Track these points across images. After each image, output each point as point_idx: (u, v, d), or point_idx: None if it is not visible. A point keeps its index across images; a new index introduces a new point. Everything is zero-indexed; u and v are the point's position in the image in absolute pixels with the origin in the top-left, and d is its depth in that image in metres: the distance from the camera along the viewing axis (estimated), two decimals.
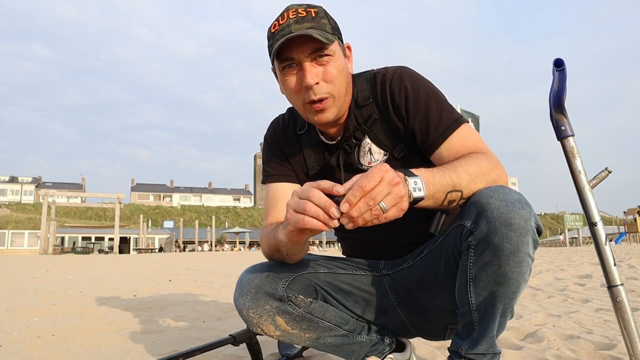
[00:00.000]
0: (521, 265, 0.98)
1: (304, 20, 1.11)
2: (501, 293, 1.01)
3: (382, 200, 0.85)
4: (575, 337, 1.86)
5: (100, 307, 3.10)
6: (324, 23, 1.13)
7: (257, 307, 1.15)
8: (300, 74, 1.14)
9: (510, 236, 0.95)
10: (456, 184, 1.00)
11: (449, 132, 1.14)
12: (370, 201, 0.84)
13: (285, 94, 1.22)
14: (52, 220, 29.94)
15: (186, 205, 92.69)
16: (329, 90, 1.14)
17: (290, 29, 1.09)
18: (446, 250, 1.12)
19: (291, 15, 1.11)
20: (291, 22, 1.10)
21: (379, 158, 1.23)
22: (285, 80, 1.16)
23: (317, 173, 1.30)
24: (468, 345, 1.08)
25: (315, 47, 1.11)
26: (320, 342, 1.23)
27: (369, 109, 1.23)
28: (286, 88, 1.18)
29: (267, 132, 1.39)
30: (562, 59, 1.11)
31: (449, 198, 1.00)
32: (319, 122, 1.19)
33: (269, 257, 1.22)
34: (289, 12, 1.12)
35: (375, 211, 0.85)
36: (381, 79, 1.22)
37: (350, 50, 1.23)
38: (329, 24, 1.14)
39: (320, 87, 1.13)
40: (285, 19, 1.11)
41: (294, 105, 1.23)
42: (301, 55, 1.11)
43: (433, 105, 1.16)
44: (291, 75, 1.15)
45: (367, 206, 0.84)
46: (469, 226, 1.01)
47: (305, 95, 1.14)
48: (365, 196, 0.85)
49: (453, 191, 1.00)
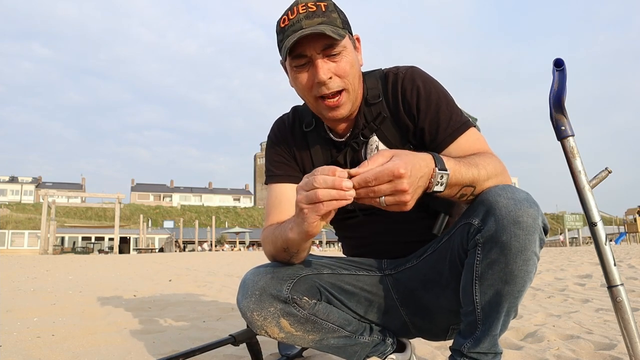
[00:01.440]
0: (528, 264, 0.98)
1: (314, 15, 1.09)
2: (507, 291, 1.01)
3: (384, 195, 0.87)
4: (575, 337, 1.86)
5: (100, 307, 3.10)
6: (334, 17, 1.12)
7: (261, 310, 1.14)
8: (312, 70, 1.13)
9: (519, 234, 0.95)
10: (475, 180, 1.01)
11: (457, 133, 1.14)
12: (371, 193, 0.87)
13: (296, 89, 1.21)
14: (52, 220, 29.94)
15: (186, 205, 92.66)
16: (342, 85, 1.14)
17: (300, 24, 1.09)
18: (452, 249, 1.12)
19: (301, 10, 1.10)
20: (301, 17, 1.09)
21: None
22: (296, 77, 1.16)
23: None
24: (471, 344, 1.08)
25: (327, 44, 1.10)
26: (324, 344, 1.23)
27: (379, 107, 1.23)
28: (298, 85, 1.17)
29: (272, 131, 1.38)
30: (562, 59, 1.11)
31: (462, 192, 1.01)
32: (332, 118, 1.19)
33: (273, 258, 1.21)
34: (298, 6, 1.11)
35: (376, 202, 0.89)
36: (393, 77, 1.22)
37: (359, 42, 1.23)
38: (339, 17, 1.13)
39: (334, 81, 1.13)
40: (295, 14, 1.10)
41: (305, 100, 1.22)
42: (313, 52, 1.11)
43: (443, 106, 1.16)
44: (303, 71, 1.14)
45: (368, 197, 0.88)
46: (476, 224, 1.01)
47: (317, 90, 1.14)
48: (367, 188, 0.87)
49: (469, 186, 1.01)
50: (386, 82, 1.23)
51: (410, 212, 0.92)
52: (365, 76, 1.26)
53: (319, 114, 1.22)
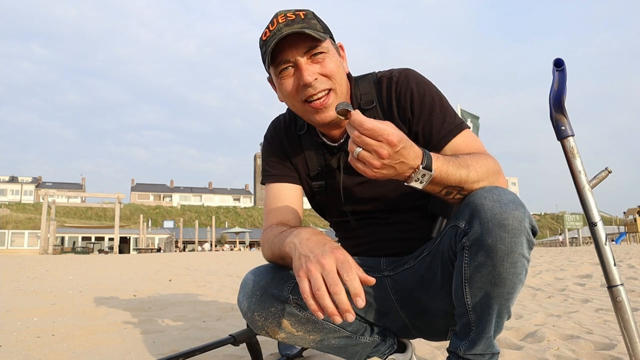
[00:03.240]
0: (516, 266, 0.98)
1: (294, 22, 1.11)
2: (496, 294, 1.01)
3: (362, 148, 0.89)
4: (575, 337, 1.86)
5: (100, 307, 3.10)
6: (314, 23, 1.13)
7: (262, 310, 1.14)
8: (297, 73, 1.13)
9: (504, 237, 0.95)
10: (463, 182, 1.01)
11: (451, 135, 1.14)
12: (356, 138, 0.89)
13: (284, 99, 1.21)
14: (52, 220, 29.93)
15: (186, 205, 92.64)
16: (329, 85, 1.14)
17: (281, 32, 1.09)
18: (442, 251, 1.12)
19: (280, 20, 1.11)
20: (281, 26, 1.10)
21: None
22: (282, 84, 1.15)
23: (318, 174, 1.30)
24: (466, 346, 1.09)
25: (310, 46, 1.11)
26: (324, 344, 1.23)
27: (373, 112, 1.23)
28: (284, 92, 1.17)
29: (268, 131, 1.38)
30: (562, 59, 1.11)
31: (447, 190, 1.02)
32: (321, 121, 1.17)
33: (270, 262, 1.21)
34: (278, 17, 1.12)
35: (351, 149, 0.91)
36: (387, 82, 1.22)
37: (343, 49, 1.23)
38: (318, 24, 1.14)
39: (320, 82, 1.13)
40: (275, 25, 1.11)
41: (293, 109, 1.22)
42: (296, 56, 1.11)
43: (437, 109, 1.17)
44: (288, 77, 1.14)
45: (352, 138, 0.90)
46: (463, 227, 1.01)
47: (303, 93, 1.13)
48: (357, 131, 0.89)
49: (455, 187, 1.01)
50: (380, 87, 1.23)
51: (407, 214, 0.92)
52: (359, 81, 1.26)
53: (308, 120, 1.21)
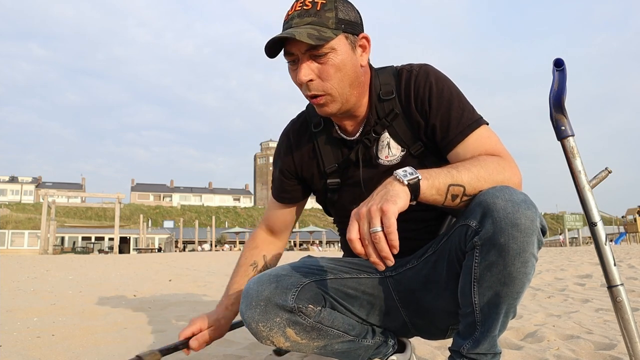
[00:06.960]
0: (526, 266, 0.98)
1: (306, 14, 1.09)
2: (505, 293, 1.01)
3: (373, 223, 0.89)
4: (575, 337, 1.86)
5: (100, 307, 3.10)
6: (328, 17, 1.09)
7: (267, 320, 1.13)
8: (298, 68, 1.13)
9: (517, 236, 0.95)
10: (456, 178, 1.01)
11: (468, 130, 1.14)
12: (365, 226, 0.90)
13: None
14: (52, 220, 29.93)
15: (186, 205, 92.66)
16: (324, 89, 1.13)
17: (290, 24, 1.09)
18: (449, 251, 1.12)
19: (297, 7, 1.10)
20: (295, 14, 1.10)
21: (396, 153, 1.23)
22: (290, 74, 1.17)
23: (335, 170, 1.30)
24: (470, 345, 1.08)
25: (311, 45, 1.09)
26: (328, 350, 1.23)
27: (391, 103, 1.22)
28: (293, 81, 1.18)
29: (279, 138, 1.41)
30: (562, 58, 1.11)
31: (451, 192, 1.00)
32: (321, 114, 1.20)
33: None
34: (297, 3, 1.11)
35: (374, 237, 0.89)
36: (407, 74, 1.22)
37: (368, 41, 1.18)
38: (334, 17, 1.10)
39: (315, 84, 1.12)
40: (293, 10, 1.11)
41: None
42: (298, 52, 1.11)
43: (455, 103, 1.16)
44: (293, 69, 1.15)
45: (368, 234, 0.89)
46: (474, 226, 1.01)
47: (303, 89, 1.15)
48: (361, 224, 0.91)
49: (455, 185, 1.00)
50: (399, 78, 1.23)
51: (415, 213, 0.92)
52: (379, 72, 1.26)
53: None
